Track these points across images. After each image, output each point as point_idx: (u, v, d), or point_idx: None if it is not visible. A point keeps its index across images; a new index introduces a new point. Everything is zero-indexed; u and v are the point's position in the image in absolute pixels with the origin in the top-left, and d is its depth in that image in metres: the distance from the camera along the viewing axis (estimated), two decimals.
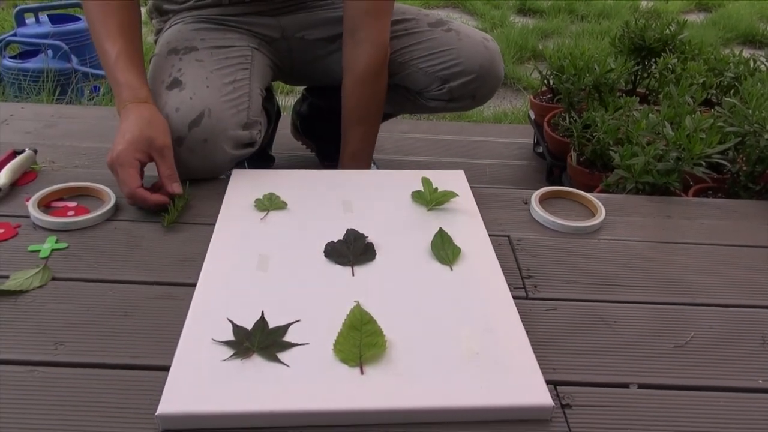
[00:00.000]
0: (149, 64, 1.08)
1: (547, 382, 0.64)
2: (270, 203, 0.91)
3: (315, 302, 0.72)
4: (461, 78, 1.15)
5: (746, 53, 1.60)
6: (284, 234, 0.85)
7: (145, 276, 0.79)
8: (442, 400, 0.60)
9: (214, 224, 0.86)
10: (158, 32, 1.21)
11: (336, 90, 1.29)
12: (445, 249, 0.82)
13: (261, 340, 0.66)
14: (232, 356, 0.64)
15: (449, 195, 0.93)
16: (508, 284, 0.77)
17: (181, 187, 0.91)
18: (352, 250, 0.81)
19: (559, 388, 0.66)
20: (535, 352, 0.67)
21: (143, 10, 1.12)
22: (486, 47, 1.16)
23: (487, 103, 1.45)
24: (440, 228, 0.85)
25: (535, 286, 0.81)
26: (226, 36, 1.12)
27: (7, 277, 0.77)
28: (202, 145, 0.97)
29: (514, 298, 0.75)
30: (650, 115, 1.19)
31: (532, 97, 1.75)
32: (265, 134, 1.14)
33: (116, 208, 0.92)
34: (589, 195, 1.01)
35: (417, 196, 0.94)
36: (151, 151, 0.90)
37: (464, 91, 1.17)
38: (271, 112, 1.33)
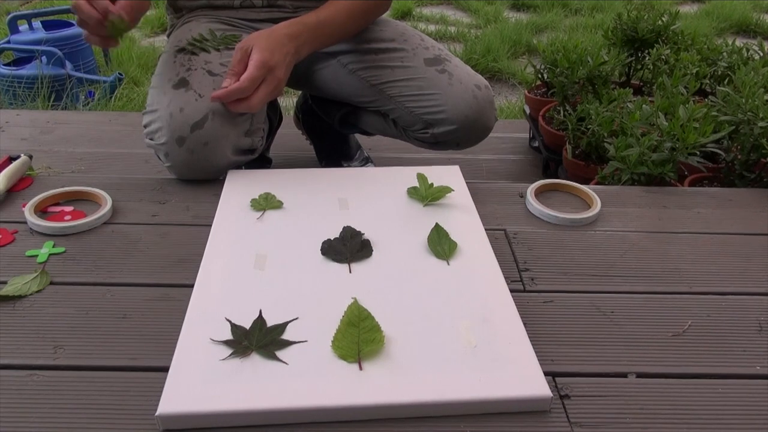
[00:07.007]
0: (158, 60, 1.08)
1: (546, 374, 0.64)
2: (266, 203, 0.91)
3: (313, 300, 0.72)
4: (444, 126, 1.09)
5: (739, 42, 1.61)
6: (281, 233, 0.85)
7: (143, 278, 0.79)
8: (441, 394, 0.61)
9: (211, 225, 0.86)
10: (171, 27, 1.22)
11: (332, 104, 1.29)
12: (441, 244, 0.82)
13: (259, 339, 0.66)
14: (230, 355, 0.64)
15: (445, 190, 0.93)
16: (505, 277, 0.78)
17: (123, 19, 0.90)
18: (348, 247, 0.81)
19: (557, 379, 0.66)
20: (533, 344, 0.67)
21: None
22: (475, 97, 1.08)
23: None
24: (436, 223, 0.86)
25: (532, 279, 0.82)
26: (237, 37, 1.12)
27: (5, 282, 0.77)
28: (202, 148, 0.97)
29: (512, 291, 0.75)
30: (644, 106, 1.20)
31: (526, 91, 1.76)
32: (265, 140, 1.14)
33: (113, 211, 0.92)
34: (584, 187, 1.01)
35: (413, 192, 0.94)
36: None
37: (448, 138, 1.12)
38: (273, 120, 1.33)
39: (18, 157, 1.01)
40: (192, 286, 0.74)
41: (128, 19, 0.90)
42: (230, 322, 0.68)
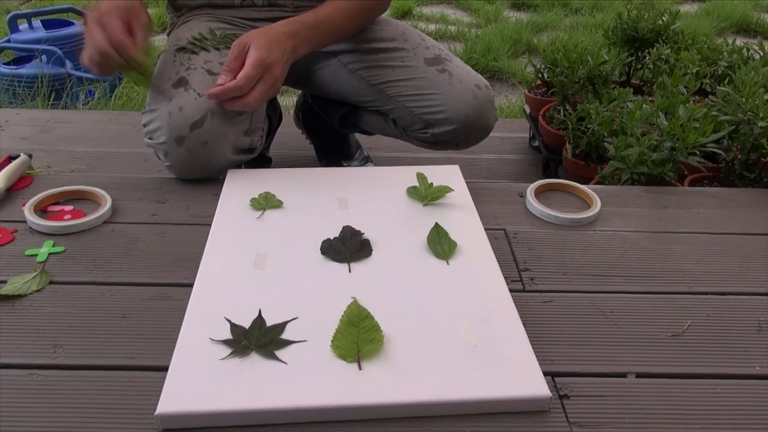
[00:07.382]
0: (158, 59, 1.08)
1: (545, 374, 0.64)
2: (266, 202, 0.91)
3: (312, 299, 0.72)
4: (444, 126, 1.09)
5: (740, 42, 1.60)
6: (280, 232, 0.85)
7: (142, 277, 0.79)
8: (441, 394, 0.61)
9: (210, 224, 0.86)
10: (171, 26, 1.22)
11: (332, 104, 1.29)
12: (441, 244, 0.82)
13: (259, 338, 0.66)
14: (230, 355, 0.64)
15: (445, 190, 0.93)
16: (505, 277, 0.77)
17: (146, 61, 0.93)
18: (348, 246, 0.81)
19: (556, 379, 0.66)
20: (532, 344, 0.67)
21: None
22: (475, 96, 1.08)
23: None
24: (436, 223, 0.86)
25: (532, 279, 0.81)
26: (237, 36, 1.12)
27: (4, 281, 0.77)
28: (201, 147, 0.97)
29: (511, 290, 0.75)
30: (644, 105, 1.20)
31: (526, 91, 1.76)
32: (265, 140, 1.14)
33: (112, 211, 0.92)
34: (584, 187, 1.01)
35: (412, 192, 0.94)
36: (132, 19, 0.91)
37: (448, 138, 1.12)
38: (273, 119, 1.33)
39: (18, 156, 1.01)
40: (191, 285, 0.74)
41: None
42: (230, 321, 0.68)
